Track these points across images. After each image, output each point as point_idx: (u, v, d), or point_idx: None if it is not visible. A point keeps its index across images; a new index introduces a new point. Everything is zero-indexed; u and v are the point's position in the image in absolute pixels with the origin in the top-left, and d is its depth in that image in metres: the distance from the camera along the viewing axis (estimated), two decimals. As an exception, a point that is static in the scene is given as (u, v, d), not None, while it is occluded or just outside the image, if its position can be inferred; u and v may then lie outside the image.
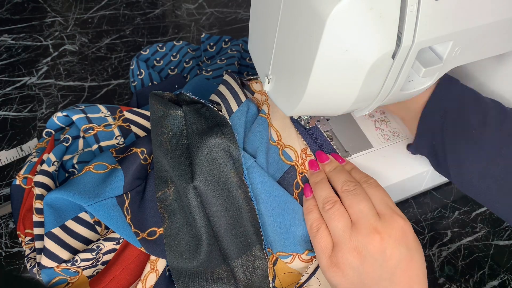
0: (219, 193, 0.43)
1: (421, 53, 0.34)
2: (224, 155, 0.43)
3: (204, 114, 0.46)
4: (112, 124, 0.50)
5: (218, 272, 0.43)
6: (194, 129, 0.45)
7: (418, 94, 0.37)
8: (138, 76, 0.64)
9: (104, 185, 0.43)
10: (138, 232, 0.43)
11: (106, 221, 0.42)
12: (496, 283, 0.48)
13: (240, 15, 0.78)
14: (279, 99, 0.39)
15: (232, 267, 0.42)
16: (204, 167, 0.42)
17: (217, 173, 0.43)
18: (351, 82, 0.33)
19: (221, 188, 0.43)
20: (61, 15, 0.76)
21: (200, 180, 0.42)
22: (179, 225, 0.44)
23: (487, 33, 0.35)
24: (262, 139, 0.45)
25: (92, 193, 0.42)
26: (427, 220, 0.52)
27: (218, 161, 0.43)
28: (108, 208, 0.42)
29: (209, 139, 0.43)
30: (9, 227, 0.50)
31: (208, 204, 0.42)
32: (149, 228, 0.44)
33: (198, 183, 0.42)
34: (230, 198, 0.43)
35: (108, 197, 0.43)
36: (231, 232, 0.43)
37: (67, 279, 0.44)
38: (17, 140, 0.58)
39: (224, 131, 0.44)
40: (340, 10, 0.29)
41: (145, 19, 0.76)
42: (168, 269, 0.45)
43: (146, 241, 0.43)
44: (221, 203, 0.42)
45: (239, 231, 0.43)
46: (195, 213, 0.42)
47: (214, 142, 0.43)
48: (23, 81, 0.65)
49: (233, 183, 0.43)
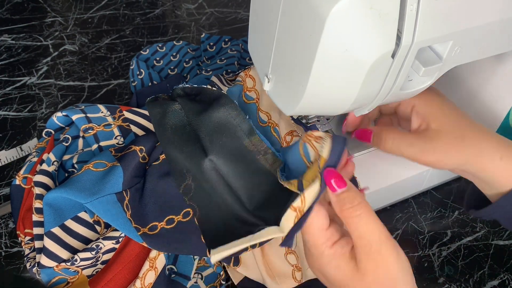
0: (239, 165, 0.42)
1: (420, 53, 0.34)
2: (231, 125, 0.42)
3: (199, 100, 0.46)
4: (112, 124, 0.50)
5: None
6: (194, 113, 0.44)
7: (418, 93, 0.37)
8: (138, 76, 0.64)
9: (104, 182, 0.43)
10: (139, 227, 0.43)
11: (106, 217, 0.42)
12: (496, 283, 0.48)
13: (240, 15, 0.78)
14: (279, 99, 0.39)
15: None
16: (215, 140, 0.42)
17: (229, 144, 0.42)
18: (351, 81, 0.33)
19: (239, 159, 0.42)
20: (61, 15, 0.76)
21: (214, 154, 0.41)
22: (210, 210, 0.43)
23: (487, 32, 0.35)
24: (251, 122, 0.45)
25: (92, 190, 0.43)
26: (427, 220, 0.52)
27: (226, 132, 0.42)
28: (108, 204, 0.42)
29: (211, 114, 0.43)
30: (9, 227, 0.50)
31: (230, 179, 0.42)
32: (150, 223, 0.44)
33: (212, 157, 0.41)
34: (251, 167, 0.42)
35: (108, 194, 0.43)
36: (264, 201, 0.41)
37: (67, 278, 0.44)
38: (17, 140, 0.58)
39: (221, 102, 0.43)
40: (340, 10, 0.29)
41: (145, 19, 0.76)
42: (168, 268, 0.45)
43: (147, 236, 0.43)
44: (242, 174, 0.42)
45: (270, 199, 0.41)
46: (219, 189, 0.42)
47: (216, 115, 0.42)
48: (23, 81, 0.65)
49: (248, 151, 0.42)
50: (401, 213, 0.53)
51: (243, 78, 0.47)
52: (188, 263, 0.45)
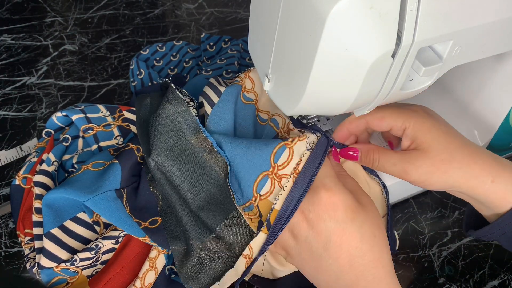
0: (183, 163, 0.42)
1: (421, 52, 0.34)
2: (177, 121, 0.42)
3: (164, 94, 0.46)
4: (112, 124, 0.50)
5: (209, 244, 0.41)
6: (154, 109, 0.45)
7: (418, 93, 0.37)
8: (138, 76, 0.64)
9: (103, 179, 0.43)
10: (140, 221, 0.43)
11: (108, 213, 0.42)
12: (496, 283, 0.48)
13: (240, 15, 0.78)
14: (279, 99, 0.39)
15: (219, 234, 0.41)
16: (159, 139, 0.42)
17: (175, 142, 0.42)
18: (351, 81, 0.33)
19: (183, 157, 0.42)
20: (61, 15, 0.76)
21: (157, 153, 0.41)
22: (168, 202, 0.44)
23: (487, 32, 0.35)
24: (250, 121, 0.45)
25: (91, 188, 0.43)
26: (427, 220, 0.52)
27: (171, 129, 0.42)
28: (108, 200, 0.42)
29: (158, 110, 0.43)
30: (9, 227, 0.50)
31: (174, 177, 0.42)
32: (150, 218, 0.44)
33: (155, 156, 0.41)
34: (196, 165, 0.42)
35: (108, 190, 0.43)
36: (207, 201, 0.41)
37: (67, 279, 0.44)
38: (17, 140, 0.58)
39: (169, 98, 0.43)
40: (340, 9, 0.29)
41: (145, 19, 0.76)
42: (168, 268, 0.45)
43: (149, 230, 0.43)
44: (186, 173, 0.41)
45: (213, 199, 0.41)
46: (165, 188, 0.42)
47: (161, 112, 0.42)
48: (22, 81, 0.65)
49: (194, 148, 0.42)
50: (401, 213, 0.53)
51: (242, 79, 0.47)
52: (188, 263, 0.45)
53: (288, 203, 0.37)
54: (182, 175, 0.42)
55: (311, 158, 0.38)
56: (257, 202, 0.39)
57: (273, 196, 0.38)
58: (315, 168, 0.37)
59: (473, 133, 0.52)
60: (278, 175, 0.38)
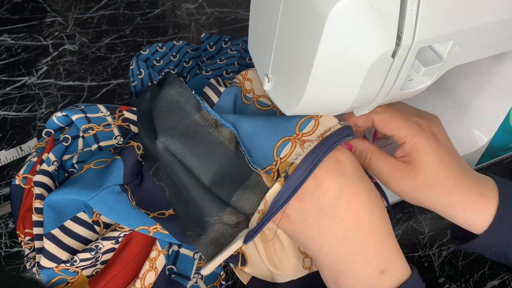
0: (191, 142, 0.41)
1: (421, 52, 0.34)
2: (180, 102, 0.42)
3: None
4: (112, 124, 0.50)
5: (225, 217, 0.41)
6: (154, 99, 0.45)
7: (418, 93, 0.37)
8: (138, 76, 0.64)
9: (106, 174, 0.43)
10: (148, 212, 0.43)
11: (115, 207, 0.42)
12: (496, 283, 0.48)
13: (240, 15, 0.78)
14: (279, 99, 0.39)
15: (235, 205, 0.40)
16: (164, 121, 0.42)
17: (181, 122, 0.42)
18: (351, 81, 0.33)
19: (191, 136, 0.42)
20: (61, 15, 0.76)
21: (163, 135, 0.41)
22: (176, 191, 0.43)
23: (487, 32, 0.35)
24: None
25: (96, 184, 0.43)
26: (427, 220, 0.52)
27: (176, 110, 0.42)
28: (114, 193, 0.42)
29: (160, 94, 0.43)
30: (9, 227, 0.50)
31: (184, 156, 0.41)
32: (157, 211, 0.44)
33: (162, 137, 0.41)
34: (205, 141, 0.41)
35: (113, 184, 0.43)
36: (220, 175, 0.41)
37: (67, 279, 0.44)
38: (17, 140, 0.58)
39: (168, 81, 0.43)
40: (340, 9, 0.29)
41: (145, 19, 0.76)
42: (168, 268, 0.45)
43: (159, 218, 0.43)
44: (196, 150, 0.41)
45: (225, 173, 0.41)
46: (175, 168, 0.42)
47: (163, 96, 0.43)
48: (22, 81, 0.65)
49: (201, 125, 0.42)
50: (401, 213, 0.53)
51: (241, 81, 0.47)
52: (188, 263, 0.45)
53: (310, 159, 0.36)
54: (191, 153, 0.41)
55: (341, 129, 0.38)
56: (277, 166, 0.38)
57: (293, 157, 0.37)
58: (343, 136, 0.37)
59: (473, 133, 0.52)
60: (301, 140, 0.38)
